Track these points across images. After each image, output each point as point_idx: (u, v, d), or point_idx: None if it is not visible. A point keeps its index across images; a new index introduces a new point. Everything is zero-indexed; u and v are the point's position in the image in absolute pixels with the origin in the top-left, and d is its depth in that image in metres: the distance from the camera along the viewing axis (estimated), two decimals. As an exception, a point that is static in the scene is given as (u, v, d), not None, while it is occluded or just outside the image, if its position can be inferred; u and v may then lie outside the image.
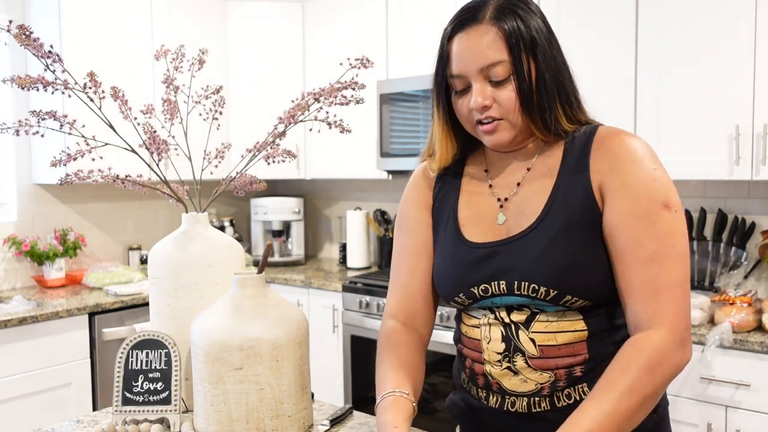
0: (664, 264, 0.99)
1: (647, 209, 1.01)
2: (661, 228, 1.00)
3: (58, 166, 1.26)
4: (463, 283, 1.12)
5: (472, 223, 1.16)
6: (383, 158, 3.29)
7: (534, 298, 1.06)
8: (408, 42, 3.23)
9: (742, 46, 2.26)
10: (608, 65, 2.55)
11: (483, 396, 1.15)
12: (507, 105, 1.06)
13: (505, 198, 1.15)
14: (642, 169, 1.03)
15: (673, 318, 0.98)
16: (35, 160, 3.24)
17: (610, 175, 1.04)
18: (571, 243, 1.04)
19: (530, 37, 1.05)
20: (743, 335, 2.13)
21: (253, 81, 3.68)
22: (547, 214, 1.07)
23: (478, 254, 1.12)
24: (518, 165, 1.15)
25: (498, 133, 1.09)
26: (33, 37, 1.20)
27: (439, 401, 2.88)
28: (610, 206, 1.04)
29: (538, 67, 1.06)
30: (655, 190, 1.01)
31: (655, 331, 0.98)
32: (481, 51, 1.05)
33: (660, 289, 0.99)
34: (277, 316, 1.19)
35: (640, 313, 1.00)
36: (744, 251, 2.53)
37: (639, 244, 1.00)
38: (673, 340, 0.98)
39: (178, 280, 1.34)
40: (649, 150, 1.05)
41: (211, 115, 1.42)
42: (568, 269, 1.03)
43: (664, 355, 0.97)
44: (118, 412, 1.27)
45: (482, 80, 1.06)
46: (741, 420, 2.11)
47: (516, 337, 1.09)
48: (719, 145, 2.33)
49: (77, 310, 2.79)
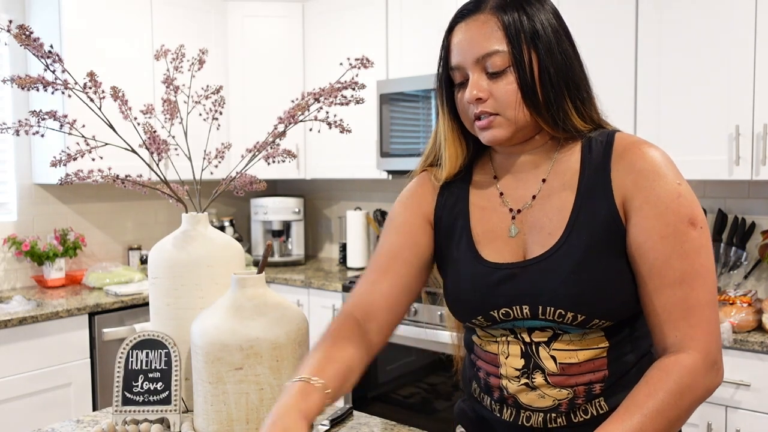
0: (694, 285, 0.95)
1: (674, 228, 0.96)
2: (688, 247, 0.96)
3: (58, 166, 1.27)
4: (483, 306, 1.06)
5: (486, 239, 1.09)
6: (383, 158, 3.29)
7: (560, 322, 1.01)
8: (408, 42, 3.23)
9: (742, 46, 2.26)
10: (608, 65, 2.55)
11: (497, 408, 1.10)
12: (504, 98, 1.01)
13: (518, 210, 1.08)
14: (666, 184, 0.98)
15: (705, 340, 0.94)
16: (35, 160, 3.24)
17: (633, 190, 0.99)
18: (597, 265, 1.00)
19: (532, 29, 1.01)
20: (743, 335, 2.13)
21: (253, 81, 3.68)
22: (570, 233, 1.01)
23: (499, 276, 1.05)
24: (531, 172, 1.09)
25: (494, 129, 1.03)
26: (33, 37, 1.20)
27: (439, 401, 2.88)
28: (635, 225, 0.99)
29: (541, 60, 1.01)
30: (681, 206, 0.97)
31: (686, 354, 0.94)
32: (478, 41, 1.01)
33: (690, 310, 0.95)
34: (277, 316, 1.19)
35: (670, 337, 0.96)
36: (744, 251, 2.53)
37: (667, 264, 0.96)
38: (704, 362, 0.93)
39: (178, 280, 1.34)
40: (671, 162, 1.01)
41: (211, 115, 1.42)
42: (597, 293, 0.99)
43: (695, 379, 0.93)
44: (118, 412, 1.26)
45: (479, 72, 1.02)
46: (741, 420, 2.11)
47: (536, 354, 1.04)
48: (719, 145, 2.33)
49: (77, 310, 2.79)
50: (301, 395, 0.93)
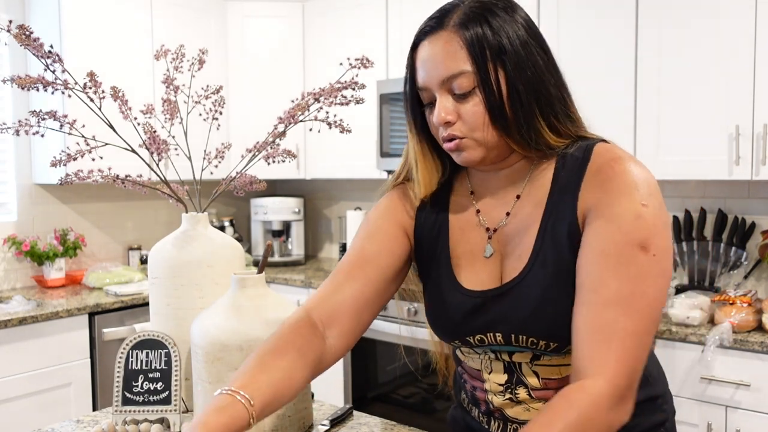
0: (627, 311, 0.88)
1: (620, 247, 0.89)
2: (632, 270, 0.89)
3: (58, 166, 1.26)
4: (457, 332, 1.05)
5: (465, 261, 1.06)
6: (383, 158, 3.29)
7: (534, 348, 1.00)
8: (408, 42, 3.22)
9: (742, 47, 2.26)
10: (608, 66, 2.55)
11: (484, 420, 1.11)
12: (472, 120, 0.96)
13: (494, 229, 1.05)
14: (628, 202, 0.91)
15: (618, 370, 0.86)
16: (35, 160, 3.24)
17: (595, 205, 0.93)
18: (564, 290, 0.95)
19: (498, 45, 0.95)
20: (743, 335, 2.13)
21: (253, 81, 3.68)
22: (536, 257, 0.98)
23: (473, 304, 1.03)
24: (508, 189, 1.05)
25: (465, 152, 0.99)
26: (33, 37, 1.20)
27: (439, 401, 2.88)
28: (584, 237, 0.94)
29: (509, 77, 0.95)
30: (636, 228, 0.89)
31: (593, 381, 0.86)
32: (442, 61, 0.97)
33: (613, 336, 0.87)
34: (277, 316, 1.19)
35: (585, 359, 0.88)
36: (744, 251, 2.53)
37: (603, 283, 0.89)
38: (610, 394, 0.85)
39: (178, 280, 1.34)
40: (648, 182, 0.93)
41: (211, 115, 1.42)
42: (565, 321, 0.94)
43: (598, 413, 0.85)
44: (118, 412, 1.26)
45: (445, 93, 0.97)
46: (741, 420, 2.11)
47: (519, 371, 1.04)
48: (719, 145, 2.33)
49: (77, 310, 2.79)
50: (215, 412, 0.87)
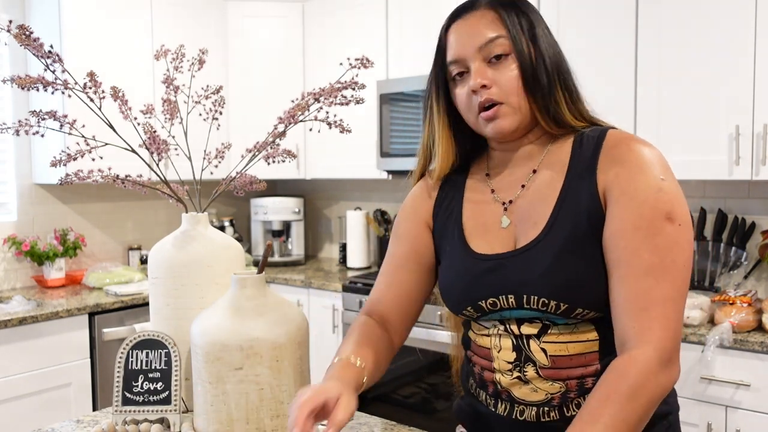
0: (660, 279, 0.94)
1: (649, 220, 0.96)
2: (661, 241, 0.96)
3: (58, 166, 1.27)
4: (470, 296, 1.09)
5: (477, 233, 1.13)
6: (383, 158, 3.29)
7: (545, 311, 1.03)
8: (408, 42, 3.23)
9: (742, 46, 2.26)
10: (608, 66, 2.55)
11: (491, 403, 1.13)
12: (508, 85, 1.05)
13: (509, 201, 1.11)
14: (648, 177, 0.98)
15: (662, 335, 0.93)
16: (35, 160, 3.24)
17: (615, 182, 1.00)
18: (579, 255, 1.01)
19: (528, 21, 1.07)
20: (743, 335, 2.13)
21: (253, 81, 3.68)
22: (553, 224, 1.04)
23: (485, 266, 1.08)
24: (524, 167, 1.12)
25: (500, 119, 1.06)
26: (33, 37, 1.20)
27: (439, 401, 2.88)
28: (610, 214, 1.00)
29: (537, 48, 1.06)
30: (659, 200, 0.97)
31: (640, 351, 0.93)
32: (479, 30, 1.06)
33: (651, 303, 0.94)
34: (277, 316, 1.19)
35: (627, 328, 0.95)
36: (744, 251, 2.53)
37: (636, 255, 0.96)
38: (659, 359, 0.92)
39: (178, 280, 1.34)
40: (661, 159, 1.01)
41: (211, 115, 1.42)
42: (577, 282, 1.00)
43: (649, 379, 0.91)
44: (118, 412, 1.26)
45: (481, 61, 1.06)
46: (741, 420, 2.11)
47: (527, 347, 1.06)
48: (719, 145, 2.33)
49: (77, 310, 2.79)
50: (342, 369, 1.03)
